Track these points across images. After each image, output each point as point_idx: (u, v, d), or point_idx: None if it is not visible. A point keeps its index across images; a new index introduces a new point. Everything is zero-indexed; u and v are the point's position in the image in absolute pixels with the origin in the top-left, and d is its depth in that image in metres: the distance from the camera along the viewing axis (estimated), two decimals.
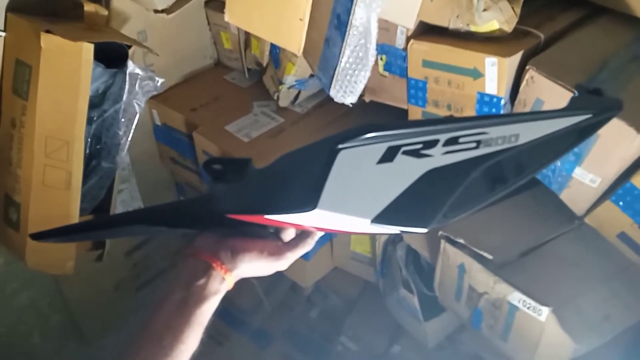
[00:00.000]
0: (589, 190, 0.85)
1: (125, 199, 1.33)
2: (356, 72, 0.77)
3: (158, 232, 0.59)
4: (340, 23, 0.72)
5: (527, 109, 0.90)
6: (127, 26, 1.16)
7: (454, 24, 0.90)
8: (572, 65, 0.86)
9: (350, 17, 0.71)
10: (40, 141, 0.98)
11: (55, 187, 1.01)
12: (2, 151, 1.04)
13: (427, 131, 0.47)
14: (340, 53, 0.74)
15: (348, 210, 0.47)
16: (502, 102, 0.91)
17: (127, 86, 1.00)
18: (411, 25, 0.91)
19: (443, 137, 0.47)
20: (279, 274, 0.59)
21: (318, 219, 0.48)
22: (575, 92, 0.80)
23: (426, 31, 0.95)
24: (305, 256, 1.20)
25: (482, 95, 0.92)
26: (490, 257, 0.89)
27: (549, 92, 0.84)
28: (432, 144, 0.47)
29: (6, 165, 1.03)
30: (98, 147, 1.05)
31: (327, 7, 0.72)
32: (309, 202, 0.46)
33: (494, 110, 0.93)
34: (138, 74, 1.01)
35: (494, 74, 0.88)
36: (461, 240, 0.92)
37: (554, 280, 0.88)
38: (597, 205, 0.85)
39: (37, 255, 1.06)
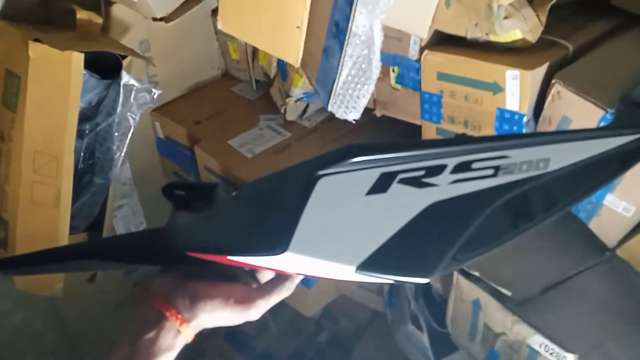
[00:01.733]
0: (621, 220, 0.77)
1: (127, 215, 1.28)
2: (359, 85, 0.70)
3: (115, 268, 0.52)
4: (339, 31, 0.65)
5: (553, 128, 0.82)
6: (129, 35, 1.12)
7: (472, 33, 0.83)
8: (603, 80, 0.79)
9: (350, 25, 0.63)
10: (29, 156, 0.93)
11: (44, 204, 0.96)
12: None
13: (431, 154, 0.38)
14: (339, 64, 0.67)
15: (327, 254, 0.38)
16: (525, 119, 0.83)
17: (120, 98, 0.95)
18: (424, 34, 0.85)
19: (452, 162, 0.38)
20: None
21: (291, 263, 0.39)
22: (610, 111, 0.72)
23: (441, 41, 0.89)
24: (307, 283, 1.14)
25: (502, 111, 0.84)
26: (508, 293, 0.80)
27: (578, 110, 0.76)
28: (437, 170, 0.38)
29: None
30: (91, 162, 1.00)
31: (325, 13, 0.65)
32: (278, 242, 0.38)
33: (515, 128, 0.85)
34: (133, 85, 0.95)
35: (516, 88, 0.81)
36: (476, 273, 0.83)
37: (580, 321, 0.79)
38: (630, 236, 0.78)
39: (26, 276, 1.01)
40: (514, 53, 0.82)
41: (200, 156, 1.14)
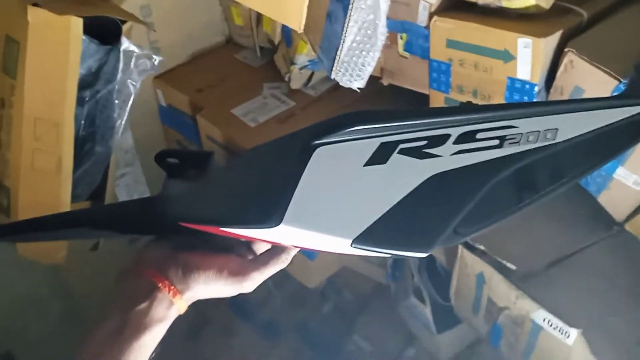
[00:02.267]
0: (631, 194, 0.75)
1: (130, 183, 1.28)
2: (364, 52, 0.67)
3: (107, 236, 0.51)
4: None
5: (565, 98, 0.79)
6: (129, 0, 1.09)
7: None
8: (618, 49, 0.76)
9: None
10: (29, 123, 0.92)
11: (45, 172, 0.95)
12: None
13: (434, 123, 0.36)
14: (343, 30, 0.64)
15: (323, 227, 0.37)
16: (536, 89, 0.81)
17: (121, 65, 0.92)
18: None
19: (455, 132, 0.37)
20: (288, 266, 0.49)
21: (285, 235, 0.38)
22: (624, 81, 0.69)
23: (452, 7, 0.86)
24: (309, 255, 1.13)
25: (512, 80, 0.82)
26: (513, 267, 0.79)
27: (591, 80, 0.74)
28: (440, 140, 0.37)
29: None
30: (91, 130, 0.98)
31: None
32: (272, 214, 0.36)
33: (526, 99, 0.83)
34: (133, 51, 0.93)
35: (528, 56, 0.78)
36: (481, 247, 0.82)
37: (585, 296, 0.78)
38: None
39: (29, 244, 1.01)
40: (526, 20, 0.80)
41: (202, 125, 1.13)
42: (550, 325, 0.75)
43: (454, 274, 0.89)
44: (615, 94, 0.72)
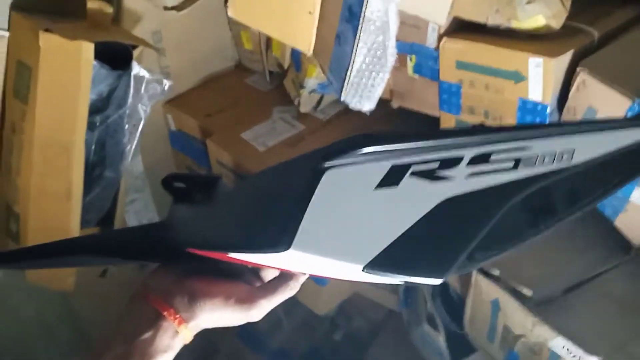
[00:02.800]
0: None
1: (139, 209, 1.27)
2: (373, 74, 0.67)
3: (112, 263, 0.49)
4: (352, 16, 0.62)
5: (578, 119, 0.78)
6: (141, 26, 1.10)
7: (492, 20, 0.81)
8: (631, 69, 0.75)
9: (364, 9, 0.61)
10: (40, 148, 0.92)
11: (55, 197, 0.95)
12: (4, 159, 0.99)
13: (447, 145, 0.35)
14: (352, 51, 0.64)
15: (333, 252, 0.36)
16: (548, 110, 0.80)
17: (131, 90, 0.93)
18: (442, 21, 0.82)
19: (469, 154, 0.35)
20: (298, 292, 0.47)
21: (294, 261, 0.37)
22: (638, 100, 0.68)
23: (461, 28, 0.86)
24: (320, 281, 1.11)
25: (524, 102, 0.81)
26: (529, 293, 0.77)
27: (604, 99, 0.73)
28: (453, 162, 0.35)
29: (7, 173, 0.98)
30: (102, 155, 0.98)
31: None
32: (280, 239, 0.35)
33: (538, 120, 0.81)
34: (144, 76, 0.94)
35: (539, 77, 0.77)
36: (496, 272, 0.80)
37: (604, 322, 0.76)
38: None
39: (37, 270, 1.01)
40: (536, 40, 0.79)
41: (212, 150, 1.12)
42: (569, 353, 0.72)
43: (468, 301, 0.87)
44: (629, 113, 0.70)
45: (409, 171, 0.35)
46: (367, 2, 0.60)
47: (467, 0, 0.80)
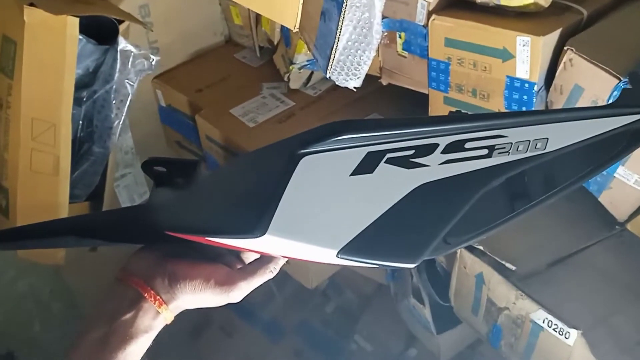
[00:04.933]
0: (633, 193, 0.74)
1: (130, 184, 1.27)
2: (359, 51, 0.67)
3: (95, 245, 0.50)
4: None
5: (564, 97, 0.78)
6: (128, 0, 1.08)
7: None
8: (619, 47, 0.75)
9: None
10: (27, 123, 0.92)
11: (43, 172, 0.95)
12: None
13: (422, 133, 0.36)
14: (337, 28, 0.63)
15: (308, 237, 0.36)
16: (536, 88, 0.80)
17: (118, 65, 0.92)
18: None
19: (443, 141, 0.36)
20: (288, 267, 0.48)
21: (271, 245, 0.38)
22: (624, 80, 0.68)
23: (450, 5, 0.85)
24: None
25: (512, 79, 0.81)
26: (512, 267, 0.78)
27: (591, 78, 0.73)
28: (427, 149, 0.36)
29: None
30: (89, 130, 0.98)
31: None
32: (256, 225, 0.36)
33: (525, 98, 0.82)
34: (131, 51, 0.93)
35: (527, 55, 0.77)
36: (480, 247, 0.81)
37: (586, 296, 0.77)
38: None
39: None
40: (525, 18, 0.79)
41: (201, 125, 1.12)
42: (550, 326, 0.74)
43: (453, 275, 0.88)
44: (615, 92, 0.71)
45: (384, 158, 0.36)
46: None
47: None
